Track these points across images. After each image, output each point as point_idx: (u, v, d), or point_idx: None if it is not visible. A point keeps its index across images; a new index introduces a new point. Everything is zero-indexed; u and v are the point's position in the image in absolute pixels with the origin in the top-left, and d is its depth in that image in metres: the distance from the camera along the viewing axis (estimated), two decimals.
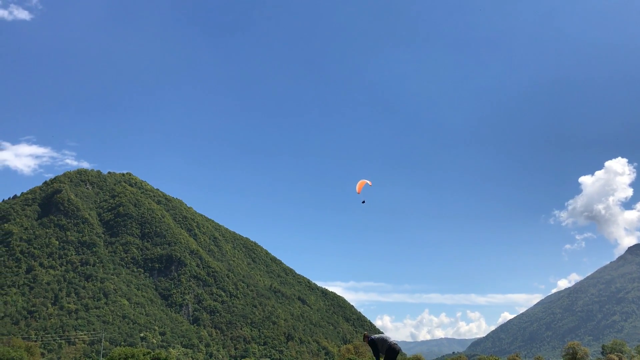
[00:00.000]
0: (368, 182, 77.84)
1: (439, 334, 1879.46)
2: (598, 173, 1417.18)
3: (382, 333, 34.47)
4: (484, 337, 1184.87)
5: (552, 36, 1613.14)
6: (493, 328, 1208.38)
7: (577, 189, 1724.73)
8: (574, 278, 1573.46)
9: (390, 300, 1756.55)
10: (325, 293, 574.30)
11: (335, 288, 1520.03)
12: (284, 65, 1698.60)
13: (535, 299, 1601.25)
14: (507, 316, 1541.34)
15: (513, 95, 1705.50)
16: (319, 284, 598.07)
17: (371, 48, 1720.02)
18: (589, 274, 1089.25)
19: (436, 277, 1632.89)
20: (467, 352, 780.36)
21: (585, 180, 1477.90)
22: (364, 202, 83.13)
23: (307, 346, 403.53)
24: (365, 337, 34.32)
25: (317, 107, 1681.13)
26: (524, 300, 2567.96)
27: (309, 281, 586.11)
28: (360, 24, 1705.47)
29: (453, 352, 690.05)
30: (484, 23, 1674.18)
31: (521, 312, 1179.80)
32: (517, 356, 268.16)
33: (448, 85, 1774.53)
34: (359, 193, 77.71)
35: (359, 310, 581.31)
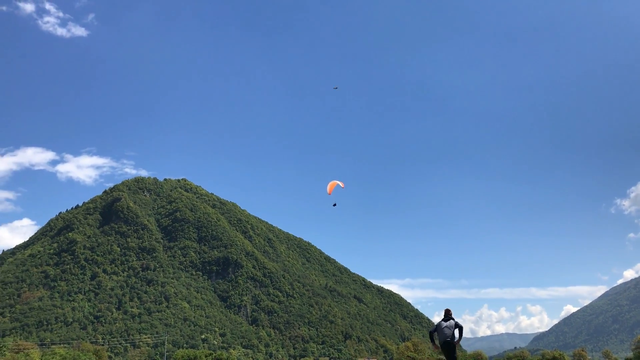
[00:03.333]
0: (340, 183, 75.89)
1: (499, 329, 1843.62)
2: None
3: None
4: (546, 331, 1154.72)
5: (607, 22, 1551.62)
6: (556, 322, 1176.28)
7: (639, 176, 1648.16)
8: None
9: (448, 296, 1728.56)
10: (381, 291, 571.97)
11: (391, 286, 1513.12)
12: (332, 64, 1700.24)
13: (599, 290, 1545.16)
14: (571, 309, 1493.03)
15: (568, 83, 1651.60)
16: (375, 282, 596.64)
17: (417, 41, 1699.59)
18: None
19: (494, 271, 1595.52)
20: (529, 347, 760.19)
21: None
22: (335, 205, 79.87)
23: (365, 344, 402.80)
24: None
25: (366, 105, 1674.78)
26: (587, 293, 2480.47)
27: (364, 279, 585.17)
28: (403, 17, 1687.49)
29: (515, 347, 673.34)
30: (534, 9, 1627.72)
31: (585, 304, 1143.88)
32: (582, 350, 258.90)
33: (501, 74, 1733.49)
34: (329, 194, 75.48)
35: (416, 307, 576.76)
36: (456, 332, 33.04)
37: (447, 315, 33.53)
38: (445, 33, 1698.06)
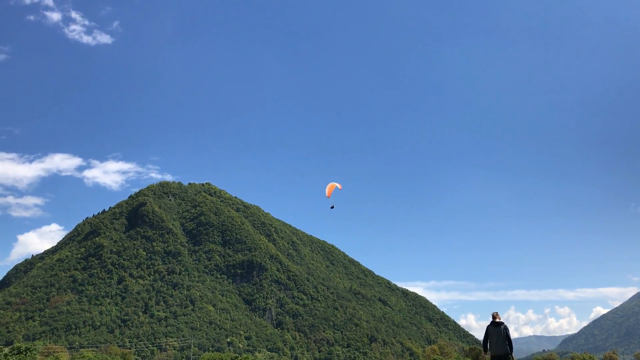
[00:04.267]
0: (338, 185, 74.80)
1: (527, 331, 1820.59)
2: None
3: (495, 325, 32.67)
4: (576, 334, 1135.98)
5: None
6: (585, 324, 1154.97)
7: None
8: None
9: (474, 298, 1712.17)
10: (405, 293, 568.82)
11: (416, 288, 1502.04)
12: (354, 66, 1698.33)
13: (630, 292, 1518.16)
14: (600, 311, 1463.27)
15: (600, 78, 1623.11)
16: (399, 284, 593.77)
17: (442, 42, 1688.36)
18: None
19: (521, 273, 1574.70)
20: (558, 349, 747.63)
21: None
22: (332, 207, 78.76)
23: (391, 347, 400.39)
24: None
25: (389, 106, 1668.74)
26: (618, 294, 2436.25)
27: (388, 282, 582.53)
28: (429, 17, 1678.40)
29: (543, 350, 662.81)
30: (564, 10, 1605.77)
31: (615, 306, 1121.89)
32: (613, 353, 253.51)
33: (528, 79, 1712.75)
34: (328, 197, 74.55)
35: (441, 309, 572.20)
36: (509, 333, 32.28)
37: (495, 319, 32.55)
38: (464, 30, 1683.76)
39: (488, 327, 32.77)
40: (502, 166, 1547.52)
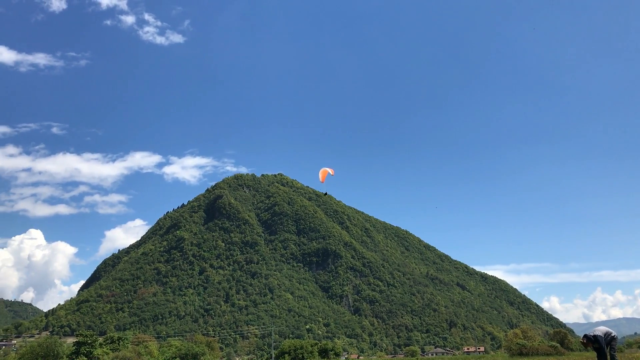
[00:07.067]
0: (330, 170, 74.09)
1: (616, 313, 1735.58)
2: None
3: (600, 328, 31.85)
4: None
5: None
6: None
7: None
8: None
9: (557, 280, 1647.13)
10: (484, 277, 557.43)
11: (495, 272, 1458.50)
12: (421, 51, 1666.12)
13: None
14: None
15: None
16: (477, 268, 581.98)
17: (512, 16, 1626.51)
18: None
19: (607, 252, 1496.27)
20: None
21: None
22: (325, 194, 78.64)
23: (471, 332, 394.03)
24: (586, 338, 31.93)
25: (462, 88, 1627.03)
26: None
27: (466, 266, 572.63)
28: None
29: (635, 333, 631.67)
30: None
31: None
32: None
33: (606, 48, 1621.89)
34: (322, 182, 74.21)
35: (523, 293, 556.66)
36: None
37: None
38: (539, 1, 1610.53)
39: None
40: (585, 144, 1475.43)
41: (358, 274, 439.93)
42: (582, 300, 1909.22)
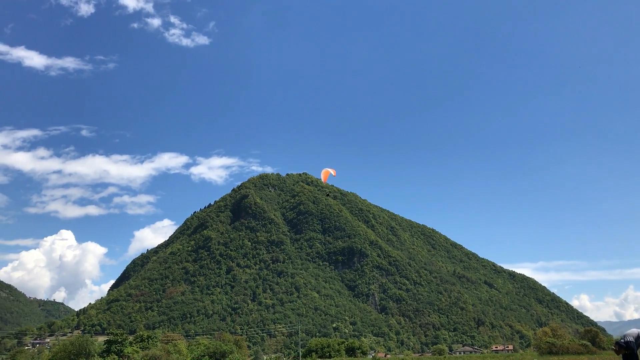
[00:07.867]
0: (332, 171, 74.24)
1: None
2: None
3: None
4: None
5: None
6: None
7: None
8: None
9: (587, 278, 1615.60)
10: (512, 275, 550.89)
11: (524, 270, 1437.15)
12: (444, 46, 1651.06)
13: None
14: None
15: None
16: (505, 266, 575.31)
17: (539, 10, 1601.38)
18: None
19: (638, 249, 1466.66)
20: None
21: None
22: (328, 194, 79.30)
23: (500, 330, 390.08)
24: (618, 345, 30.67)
25: (488, 84, 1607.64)
26: None
27: (494, 264, 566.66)
28: None
29: None
30: None
31: None
32: None
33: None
34: (325, 182, 74.67)
35: (552, 291, 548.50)
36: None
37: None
38: None
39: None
40: (617, 137, 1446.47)
41: (384, 273, 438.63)
42: (613, 298, 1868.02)
